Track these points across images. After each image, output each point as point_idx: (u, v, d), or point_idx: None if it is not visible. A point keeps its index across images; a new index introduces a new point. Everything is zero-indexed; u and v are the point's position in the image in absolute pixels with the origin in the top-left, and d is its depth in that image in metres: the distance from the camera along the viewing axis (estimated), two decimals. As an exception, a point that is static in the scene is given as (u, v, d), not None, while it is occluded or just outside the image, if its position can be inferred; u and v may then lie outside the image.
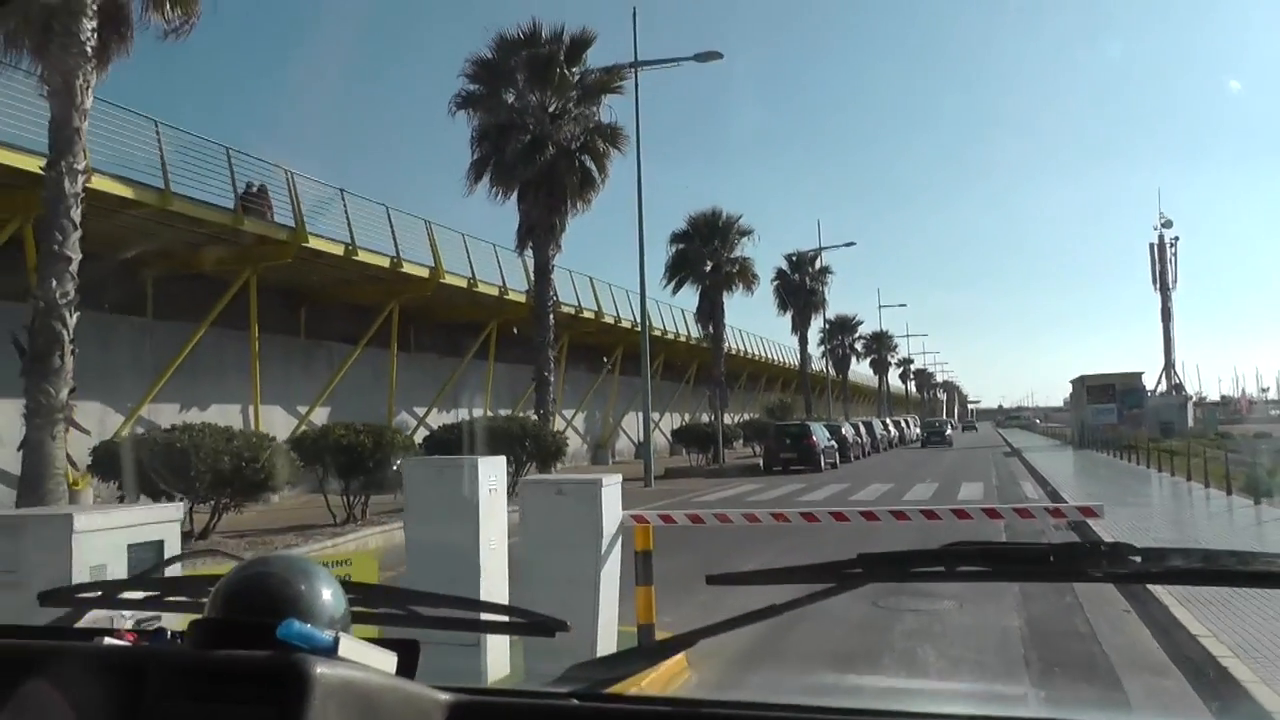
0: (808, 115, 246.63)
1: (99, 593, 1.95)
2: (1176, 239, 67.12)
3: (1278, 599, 8.17)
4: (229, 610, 1.39)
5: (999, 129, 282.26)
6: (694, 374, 55.41)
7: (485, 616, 1.92)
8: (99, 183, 17.97)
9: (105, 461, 14.71)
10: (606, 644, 6.26)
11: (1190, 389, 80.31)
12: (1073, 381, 58.56)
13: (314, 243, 24.20)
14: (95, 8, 13.36)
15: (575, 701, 1.46)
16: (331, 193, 25.80)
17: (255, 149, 26.76)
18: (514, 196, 27.65)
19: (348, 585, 1.55)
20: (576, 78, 28.24)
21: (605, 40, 40.07)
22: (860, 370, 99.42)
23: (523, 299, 33.80)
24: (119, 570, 4.52)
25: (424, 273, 28.60)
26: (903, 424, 74.93)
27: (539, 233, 27.51)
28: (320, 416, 26.86)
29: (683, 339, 49.67)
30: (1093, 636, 8.32)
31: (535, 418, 25.98)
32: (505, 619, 1.86)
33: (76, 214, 13.31)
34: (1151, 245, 66.92)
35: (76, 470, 16.31)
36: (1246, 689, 6.14)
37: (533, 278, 30.11)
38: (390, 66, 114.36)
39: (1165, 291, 66.49)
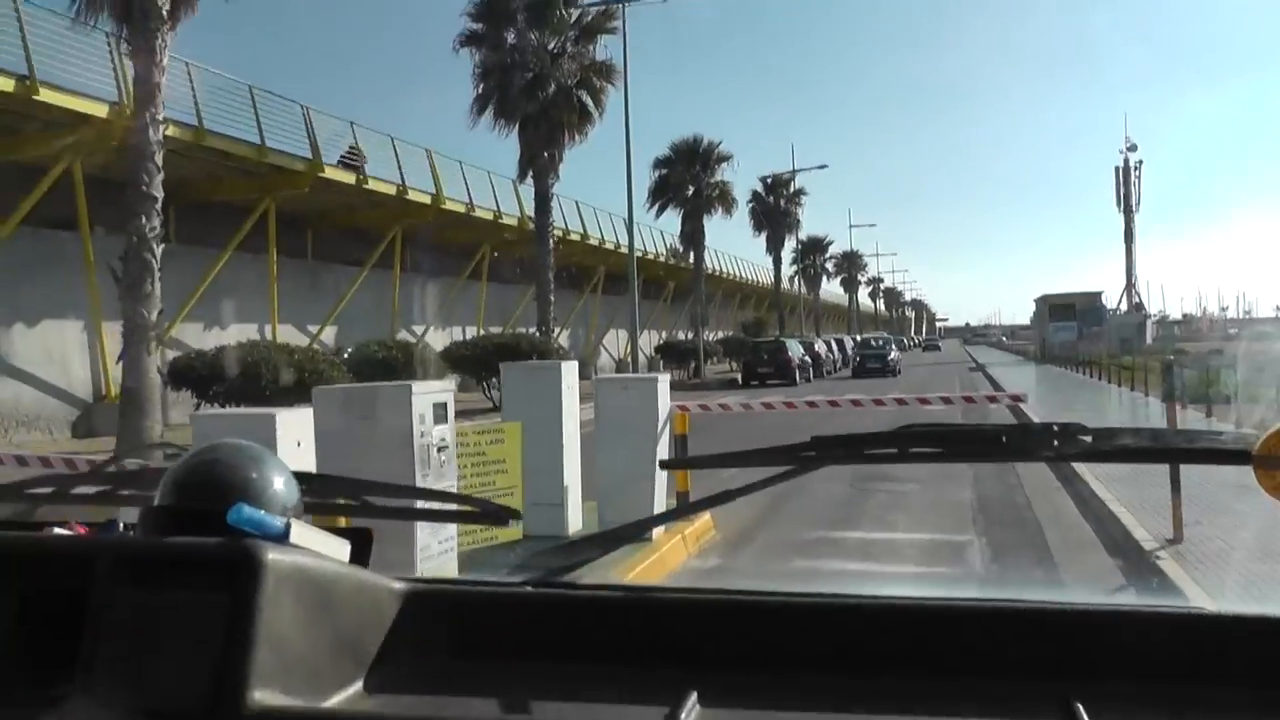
0: (784, 39, 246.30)
1: (50, 488, 1.90)
2: (1140, 163, 68.88)
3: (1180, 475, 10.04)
4: (179, 498, 1.37)
5: (971, 49, 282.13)
6: (671, 292, 57.34)
7: (440, 506, 1.86)
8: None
9: (180, 374, 16.64)
10: (659, 502, 8.37)
11: (1154, 308, 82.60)
12: (1036, 300, 60.95)
13: (328, 172, 26.05)
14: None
15: (529, 588, 1.48)
16: (342, 125, 27.60)
17: (274, 84, 28.49)
18: (515, 130, 29.51)
19: (300, 475, 1.53)
20: (574, 18, 29.98)
21: None
22: (831, 289, 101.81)
23: (514, 223, 35.79)
24: (429, 420, 6.09)
25: (426, 199, 30.47)
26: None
27: (539, 163, 29.48)
28: (329, 335, 28.87)
29: (661, 259, 51.60)
30: (1028, 505, 10.55)
31: (538, 334, 28.10)
32: (459, 508, 1.83)
33: (159, 158, 15.21)
34: (1117, 169, 68.84)
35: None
36: (1123, 524, 8.44)
37: (533, 204, 32.06)
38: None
39: (1129, 214, 68.34)
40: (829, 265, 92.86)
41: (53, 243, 21.47)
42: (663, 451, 8.59)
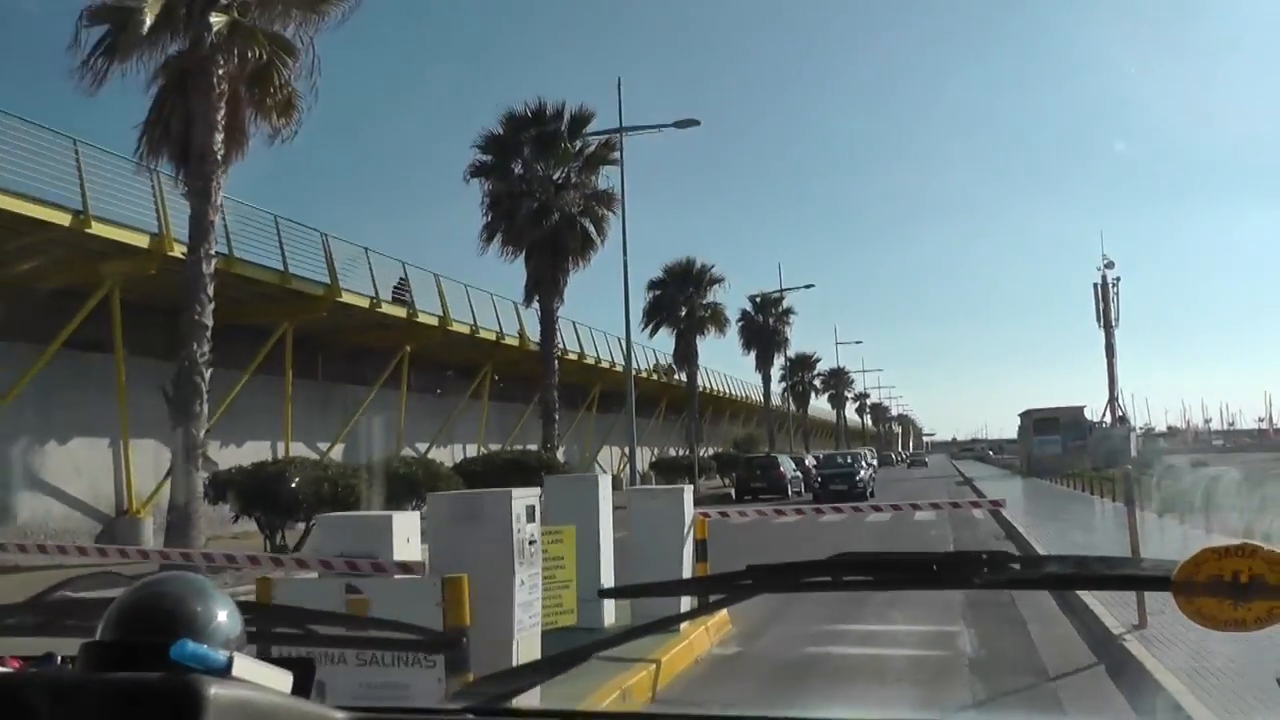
0: (769, 163, 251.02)
1: None
2: (1118, 279, 70.30)
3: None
4: (121, 632, 1.36)
5: (955, 167, 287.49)
6: (664, 409, 58.67)
7: (380, 634, 1.84)
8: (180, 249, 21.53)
9: (218, 487, 17.75)
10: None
11: (1140, 420, 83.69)
12: (1020, 415, 62.21)
13: (345, 297, 27.47)
14: (223, 124, 16.64)
15: (470, 717, 1.50)
16: (357, 251, 29.10)
17: (289, 207, 30.07)
18: (521, 255, 31.17)
19: (244, 605, 1.52)
20: (578, 149, 31.75)
21: (587, 101, 43.50)
22: (819, 405, 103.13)
23: (515, 343, 37.30)
24: (524, 519, 7.03)
25: (434, 321, 31.90)
26: (862, 455, 77.55)
27: (545, 287, 31.08)
28: (337, 452, 30.00)
29: (655, 377, 53.05)
30: (1011, 602, 11.73)
31: (543, 450, 29.36)
32: (400, 636, 1.84)
33: (210, 289, 16.56)
34: (1095, 285, 70.39)
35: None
36: (1095, 614, 9.62)
37: (537, 325, 33.64)
38: (403, 136, 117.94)
39: (1109, 329, 69.45)
40: (817, 382, 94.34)
41: (86, 364, 22.72)
42: (688, 554, 9.75)
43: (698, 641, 9.10)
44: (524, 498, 6.90)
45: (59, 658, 1.53)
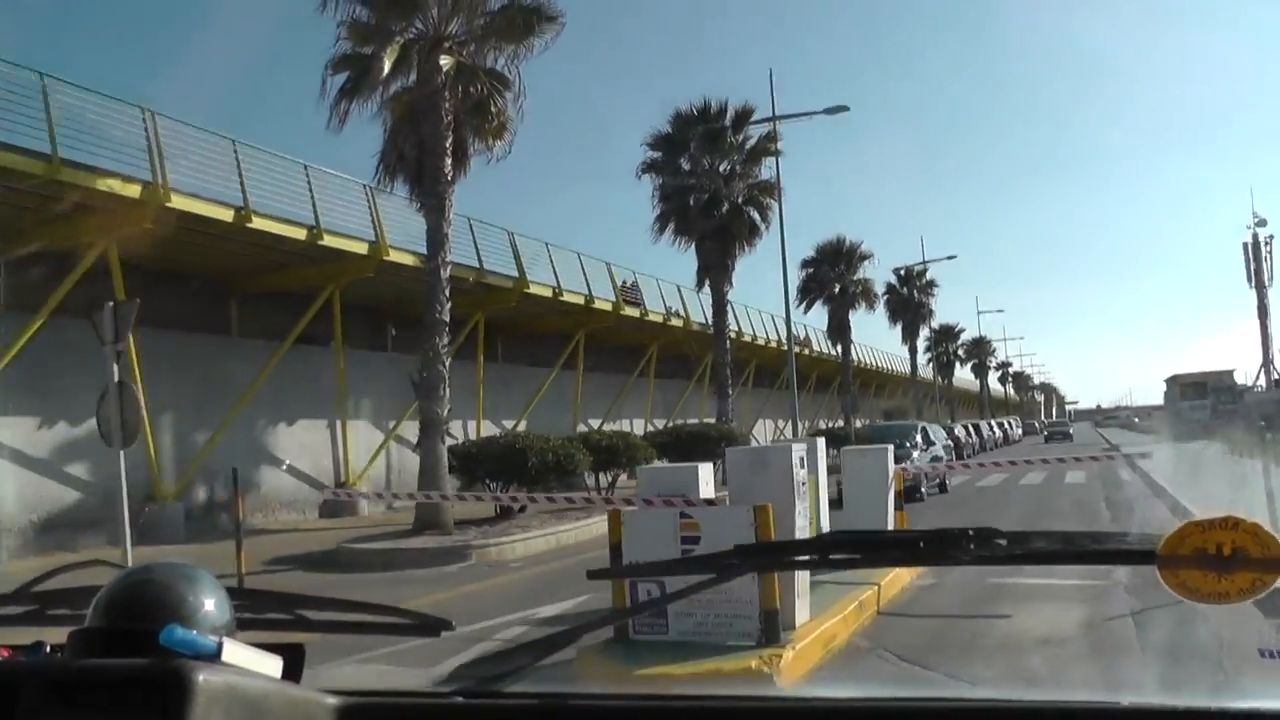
0: (906, 135, 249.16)
1: None
2: (1270, 238, 68.73)
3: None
4: (109, 619, 1.37)
5: (1092, 122, 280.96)
6: (814, 383, 60.63)
7: (370, 618, 1.84)
8: (397, 256, 24.53)
9: (461, 457, 20.46)
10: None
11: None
12: (1166, 381, 62.15)
13: (534, 289, 30.25)
14: (450, 149, 19.30)
15: (460, 699, 1.51)
16: (539, 246, 31.87)
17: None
18: (692, 245, 33.65)
19: (233, 591, 1.54)
20: (740, 143, 34.00)
21: (742, 93, 45.64)
22: (963, 375, 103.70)
23: (680, 324, 39.89)
24: (799, 466, 8.90)
25: (608, 306, 34.58)
26: (1006, 425, 78.23)
27: (715, 273, 33.45)
28: (520, 429, 32.81)
29: (806, 352, 55.03)
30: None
31: (718, 423, 32.02)
32: (391, 620, 1.83)
33: (447, 291, 19.23)
34: (1245, 244, 69.13)
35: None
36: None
37: (706, 308, 36.25)
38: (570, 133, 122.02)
39: (1261, 289, 68.04)
40: (960, 352, 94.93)
41: (308, 356, 25.77)
42: (890, 502, 11.90)
43: (904, 574, 11.15)
44: (798, 451, 9.09)
45: (48, 646, 1.54)
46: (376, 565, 16.51)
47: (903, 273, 65.72)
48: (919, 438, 29.41)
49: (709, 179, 33.53)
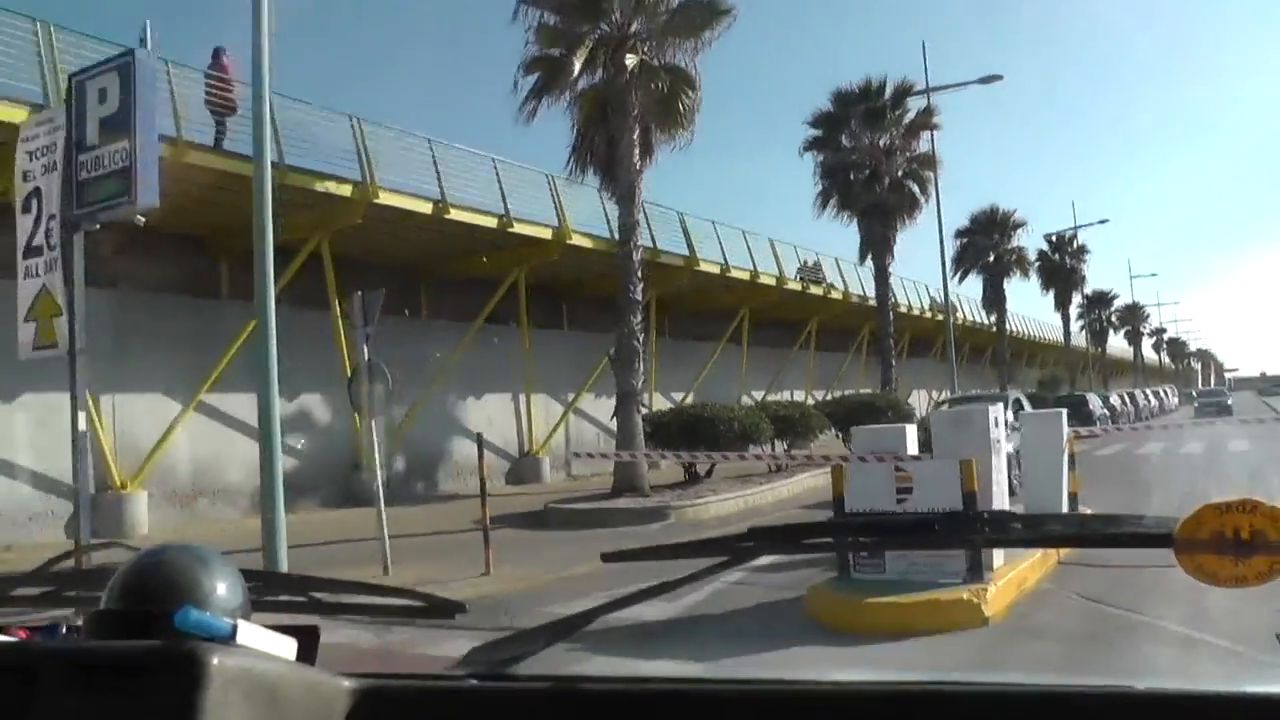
0: (1057, 98, 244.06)
1: None
2: None
3: None
4: (125, 601, 1.40)
5: (1262, 74, 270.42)
6: (967, 353, 60.88)
7: (384, 600, 1.85)
8: (578, 240, 26.25)
9: (654, 425, 22.08)
10: (1065, 499, 12.78)
11: None
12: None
13: (702, 266, 31.71)
14: (637, 141, 20.86)
15: (474, 682, 1.52)
16: (708, 225, 33.33)
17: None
18: (854, 220, 34.84)
19: (248, 573, 1.55)
20: (899, 117, 34.96)
21: (887, 65, 46.52)
22: (1116, 343, 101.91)
23: (839, 296, 41.01)
24: (998, 423, 10.31)
25: (772, 281, 35.88)
26: (1162, 394, 76.36)
27: (877, 246, 34.61)
28: (689, 401, 34.32)
29: (960, 322, 55.48)
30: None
31: (884, 392, 33.21)
32: (405, 603, 1.84)
33: (639, 273, 20.80)
34: None
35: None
36: None
37: (855, 280, 37.19)
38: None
39: None
40: (1113, 319, 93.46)
41: (493, 335, 27.60)
42: (1064, 465, 12.97)
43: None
44: (995, 411, 10.37)
45: (64, 627, 1.56)
46: (582, 524, 18.07)
47: (1054, 239, 65.35)
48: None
49: (869, 154, 34.49)
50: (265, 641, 1.37)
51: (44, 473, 18.90)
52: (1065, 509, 12.29)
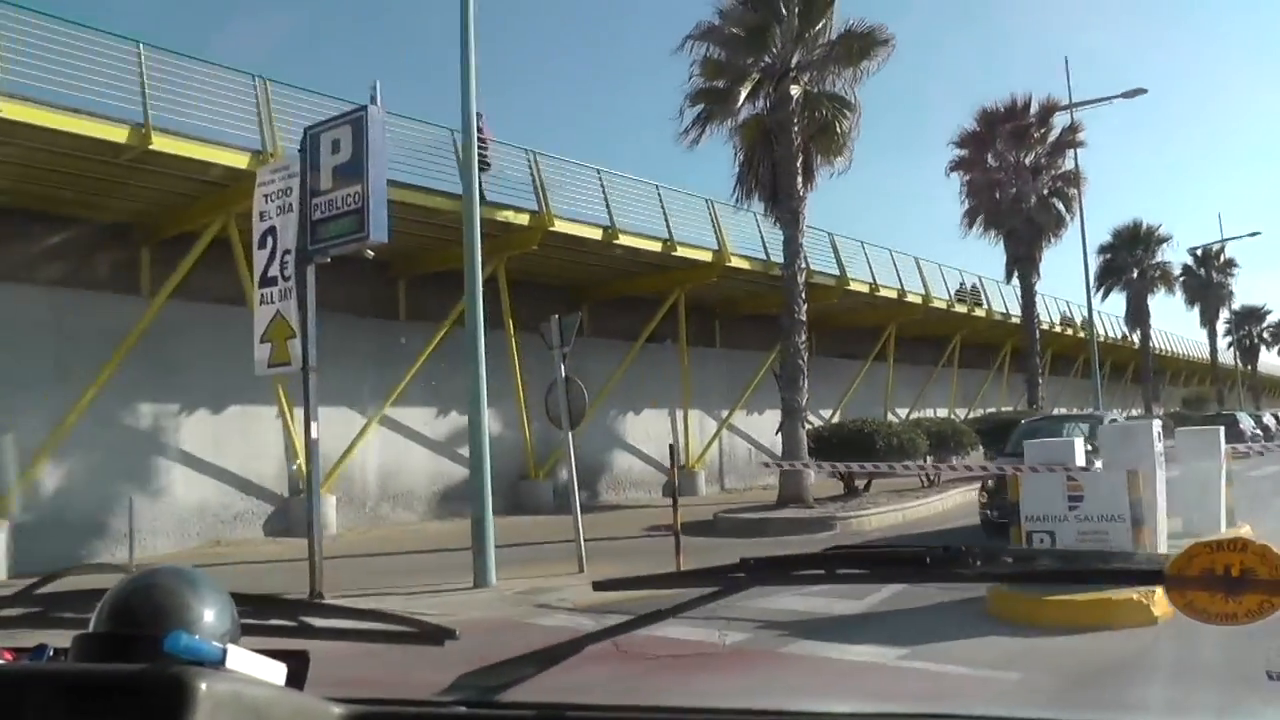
0: (1205, 102, 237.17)
1: None
2: None
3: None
4: (114, 624, 1.39)
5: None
6: (1109, 370, 60.23)
7: (374, 626, 1.83)
8: (737, 261, 27.27)
9: (815, 440, 22.99)
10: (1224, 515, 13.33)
11: None
12: None
13: (852, 285, 32.53)
14: (800, 168, 21.89)
15: (462, 709, 1.53)
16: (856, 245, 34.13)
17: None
18: (1000, 239, 35.43)
19: (238, 596, 1.55)
20: (1044, 134, 35.48)
21: (1029, 82, 46.59)
22: (1268, 360, 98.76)
23: (983, 314, 41.38)
24: (1159, 436, 11.18)
25: (918, 299, 36.47)
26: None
27: (1023, 265, 35.12)
28: (836, 418, 35.06)
29: (1102, 338, 55.10)
30: None
31: (1029, 408, 33.54)
32: (395, 629, 1.82)
33: (803, 295, 21.82)
34: None
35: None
36: None
37: (999, 299, 37.68)
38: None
39: None
40: (1265, 335, 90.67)
41: (652, 354, 28.80)
42: (1222, 479, 13.44)
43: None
44: (1155, 426, 11.15)
45: (51, 649, 1.56)
46: (751, 532, 19.12)
47: (1200, 253, 64.18)
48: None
49: (1015, 173, 35.00)
50: (255, 666, 1.38)
51: (245, 476, 20.84)
52: (1224, 526, 12.86)
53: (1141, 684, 7.23)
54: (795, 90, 21.96)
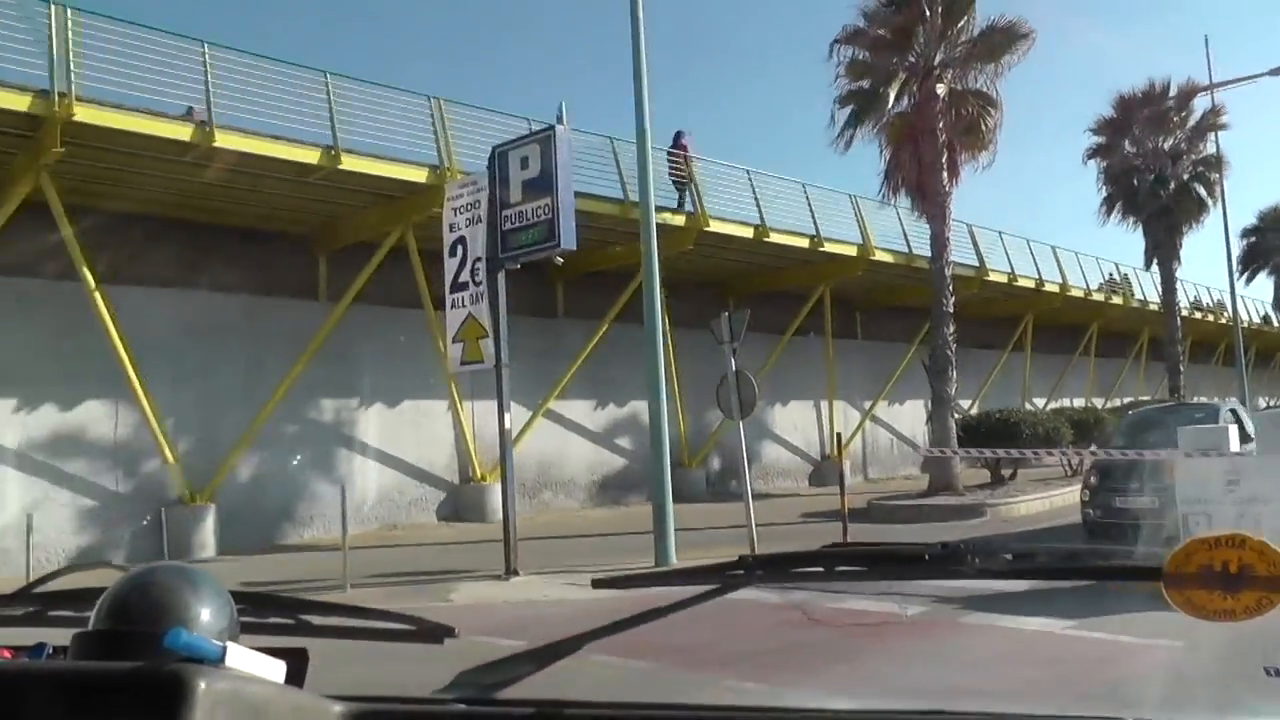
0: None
1: None
2: None
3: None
4: (113, 621, 1.38)
5: None
6: (1253, 357, 58.87)
7: (373, 624, 1.82)
8: (880, 255, 28.00)
9: (964, 429, 23.63)
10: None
11: None
12: None
13: (993, 275, 32.88)
14: (945, 165, 22.55)
15: (461, 706, 1.52)
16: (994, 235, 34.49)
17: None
18: (1139, 225, 35.47)
19: (237, 594, 1.55)
20: (1184, 118, 35.34)
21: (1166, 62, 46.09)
22: None
23: (1120, 301, 41.25)
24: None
25: (1055, 289, 36.58)
26: None
27: (1163, 251, 35.18)
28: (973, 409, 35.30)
29: (1245, 324, 54.11)
30: None
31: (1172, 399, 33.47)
32: (393, 626, 1.81)
33: (950, 288, 22.52)
34: None
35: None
36: None
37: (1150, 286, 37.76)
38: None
39: None
40: None
41: (797, 347, 29.70)
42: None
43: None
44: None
45: (50, 648, 1.56)
46: (904, 518, 19.90)
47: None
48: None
49: (1153, 159, 34.90)
50: (254, 664, 1.38)
51: (419, 465, 22.37)
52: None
53: (1138, 681, 7.04)
54: (940, 89, 22.61)
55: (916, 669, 8.40)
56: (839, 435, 17.63)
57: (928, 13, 22.94)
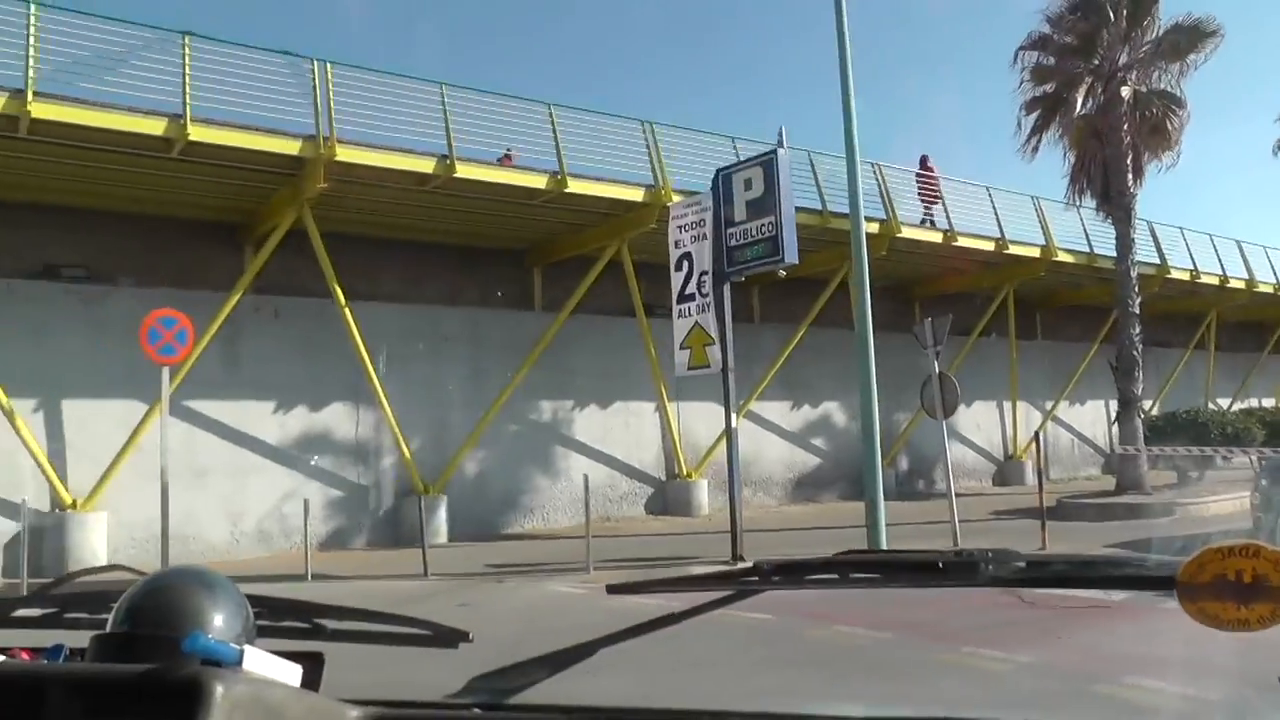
0: None
1: None
2: None
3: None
4: (132, 625, 1.40)
5: None
6: None
7: (388, 628, 1.82)
8: (1061, 256, 28.44)
9: (1151, 429, 24.08)
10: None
11: None
12: None
13: (1174, 273, 32.85)
14: (1130, 165, 23.08)
15: (477, 711, 1.54)
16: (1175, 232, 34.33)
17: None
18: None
19: (253, 598, 1.57)
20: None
21: None
22: None
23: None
24: None
25: (1241, 284, 36.06)
26: None
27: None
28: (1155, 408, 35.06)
29: None
30: None
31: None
32: (408, 630, 1.82)
33: (1136, 288, 23.00)
34: None
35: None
36: None
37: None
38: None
39: None
40: None
41: (983, 348, 30.21)
42: None
43: None
44: None
45: (67, 649, 1.56)
46: (1094, 517, 20.39)
47: None
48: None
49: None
50: (271, 667, 1.40)
51: (629, 462, 23.99)
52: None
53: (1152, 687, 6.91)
54: (1125, 91, 22.97)
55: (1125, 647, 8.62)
56: (1036, 433, 18.15)
57: (1112, 16, 23.34)
